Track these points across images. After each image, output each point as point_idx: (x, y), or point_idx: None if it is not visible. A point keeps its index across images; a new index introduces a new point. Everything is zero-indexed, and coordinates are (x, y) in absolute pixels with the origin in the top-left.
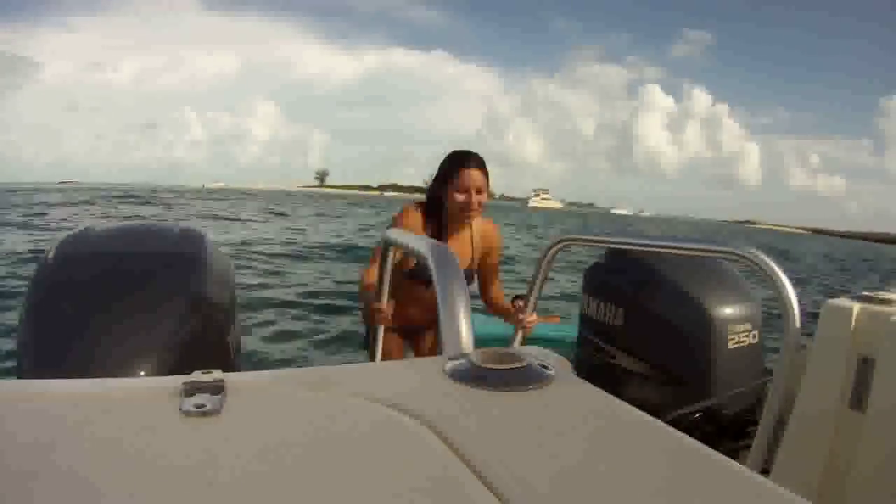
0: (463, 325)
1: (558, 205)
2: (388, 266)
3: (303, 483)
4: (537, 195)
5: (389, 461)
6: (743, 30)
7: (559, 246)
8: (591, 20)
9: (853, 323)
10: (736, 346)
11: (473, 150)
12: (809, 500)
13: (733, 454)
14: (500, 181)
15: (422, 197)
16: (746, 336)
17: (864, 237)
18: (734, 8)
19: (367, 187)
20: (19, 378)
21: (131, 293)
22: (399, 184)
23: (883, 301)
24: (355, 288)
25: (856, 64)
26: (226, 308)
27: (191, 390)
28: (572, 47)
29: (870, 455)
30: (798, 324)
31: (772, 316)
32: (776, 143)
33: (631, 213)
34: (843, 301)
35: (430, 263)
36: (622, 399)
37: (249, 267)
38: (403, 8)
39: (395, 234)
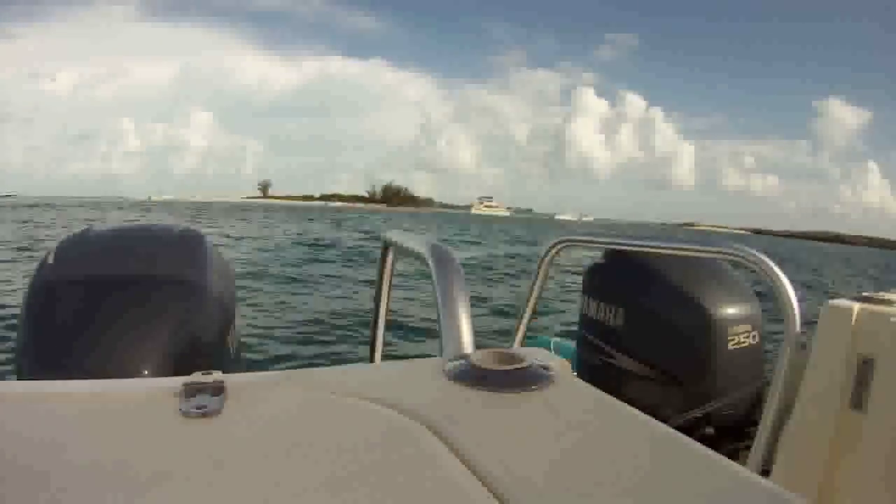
0: (463, 326)
1: (505, 212)
2: (389, 267)
3: (303, 484)
4: (481, 203)
5: (389, 462)
6: (665, 31)
7: (558, 247)
8: (523, 24)
9: (853, 323)
10: (736, 346)
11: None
12: (809, 500)
13: (733, 454)
14: (436, 189)
15: (365, 207)
16: (746, 336)
17: (804, 236)
18: (653, 10)
19: (310, 197)
20: (19, 379)
21: (131, 294)
22: (341, 193)
23: (883, 301)
24: None
25: (787, 68)
26: (226, 309)
27: (191, 391)
28: (505, 53)
29: (870, 456)
30: (798, 324)
31: (772, 316)
32: (712, 146)
33: (574, 219)
34: (843, 301)
35: (430, 263)
36: (622, 399)
37: None
38: (342, 16)
39: (394, 235)
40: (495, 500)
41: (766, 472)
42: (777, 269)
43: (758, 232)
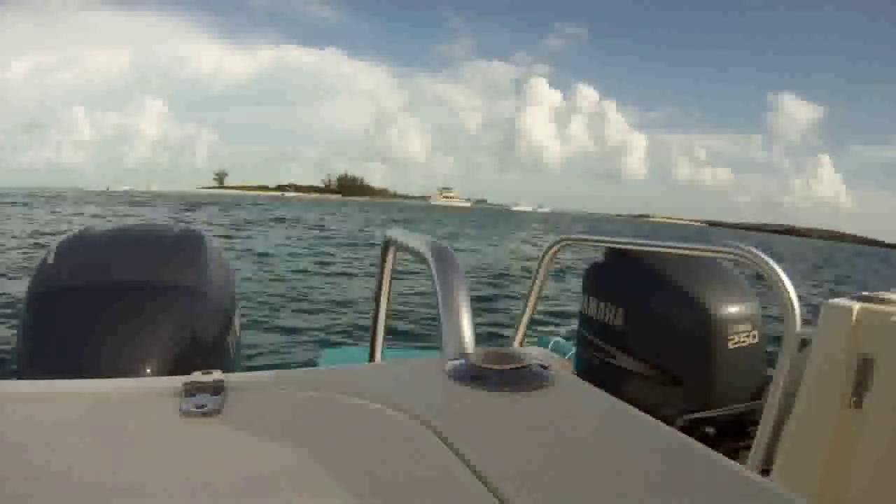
0: (463, 325)
1: (465, 203)
2: (389, 266)
3: (302, 483)
4: (441, 193)
5: (389, 461)
6: (615, 22)
7: (559, 246)
8: (475, 15)
9: (853, 322)
10: (736, 346)
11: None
12: (809, 500)
13: (733, 454)
14: (388, 179)
15: (321, 197)
16: (747, 336)
17: (759, 228)
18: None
19: (265, 188)
20: (19, 378)
21: (131, 294)
22: (297, 183)
23: (883, 301)
24: None
25: (742, 57)
26: (226, 308)
27: (191, 390)
28: (456, 42)
29: (870, 455)
30: (798, 323)
31: (772, 316)
32: (665, 139)
33: (531, 210)
34: (843, 300)
35: (430, 263)
36: (622, 399)
37: None
38: (298, 3)
39: (394, 233)
40: (495, 499)
41: (766, 472)
42: (778, 269)
43: (713, 224)
